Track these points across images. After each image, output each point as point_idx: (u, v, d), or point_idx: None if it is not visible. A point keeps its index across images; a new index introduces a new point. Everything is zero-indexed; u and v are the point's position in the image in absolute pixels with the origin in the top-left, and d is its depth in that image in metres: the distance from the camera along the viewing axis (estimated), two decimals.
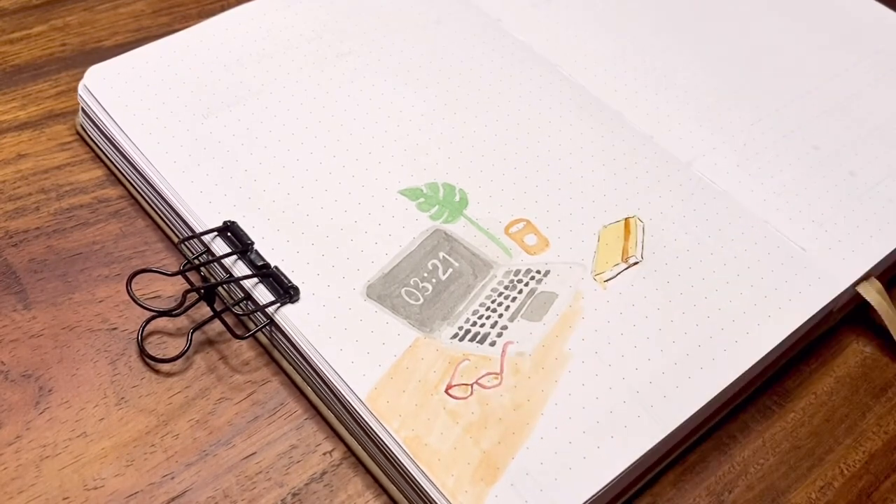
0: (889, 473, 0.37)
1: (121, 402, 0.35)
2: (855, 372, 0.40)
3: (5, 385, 0.35)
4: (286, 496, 0.34)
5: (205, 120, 0.41)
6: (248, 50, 0.45)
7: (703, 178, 0.42)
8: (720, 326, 0.37)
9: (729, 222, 0.40)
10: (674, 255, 0.39)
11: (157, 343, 0.37)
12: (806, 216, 0.41)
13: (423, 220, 0.39)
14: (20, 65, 0.47)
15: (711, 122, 0.45)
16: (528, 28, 0.48)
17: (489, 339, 0.35)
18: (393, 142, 0.42)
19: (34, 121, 0.44)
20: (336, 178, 0.40)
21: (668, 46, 0.49)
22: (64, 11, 0.50)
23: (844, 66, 0.49)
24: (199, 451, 0.34)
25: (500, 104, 0.44)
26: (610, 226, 0.40)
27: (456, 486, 0.31)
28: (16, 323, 0.37)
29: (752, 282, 0.38)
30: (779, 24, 0.51)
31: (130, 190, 0.42)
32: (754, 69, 0.48)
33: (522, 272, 0.38)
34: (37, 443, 0.34)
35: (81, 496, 0.33)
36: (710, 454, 0.37)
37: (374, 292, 0.36)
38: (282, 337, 0.36)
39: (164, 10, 0.51)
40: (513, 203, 0.40)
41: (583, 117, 0.44)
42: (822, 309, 0.38)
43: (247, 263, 0.37)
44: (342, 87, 0.44)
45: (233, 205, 0.38)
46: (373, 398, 0.33)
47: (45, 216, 0.40)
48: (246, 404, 0.36)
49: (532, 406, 0.34)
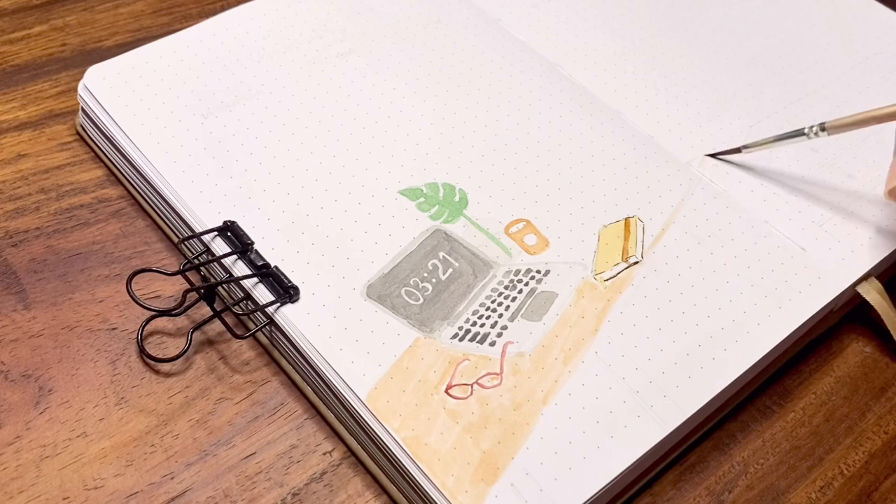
0: (889, 473, 0.37)
1: (121, 402, 0.35)
2: (855, 372, 0.40)
3: (5, 385, 0.35)
4: (286, 496, 0.34)
5: (205, 120, 0.41)
6: (248, 50, 0.45)
7: (703, 177, 0.42)
8: (720, 326, 0.37)
9: (729, 222, 0.40)
10: (674, 254, 0.39)
11: (157, 343, 0.37)
12: (806, 216, 0.41)
13: (423, 220, 0.39)
14: (20, 65, 0.47)
15: (711, 122, 0.45)
16: (528, 28, 0.48)
17: (489, 339, 0.35)
18: (393, 142, 0.42)
19: (34, 121, 0.44)
20: (336, 178, 0.40)
21: (668, 46, 0.49)
22: (64, 11, 0.50)
23: (844, 66, 0.49)
24: (199, 451, 0.34)
25: (500, 104, 0.44)
26: (610, 226, 0.40)
27: (456, 486, 0.31)
28: (16, 323, 0.37)
29: (752, 281, 0.38)
30: (779, 24, 0.51)
31: (130, 190, 0.42)
32: (754, 69, 0.48)
33: (522, 272, 0.38)
34: (37, 443, 0.34)
35: (81, 496, 0.33)
36: (710, 454, 0.37)
37: (374, 292, 0.36)
38: (282, 337, 0.36)
39: (164, 10, 0.51)
40: (513, 203, 0.40)
41: (583, 117, 0.44)
42: (822, 309, 0.38)
43: (247, 263, 0.37)
44: (342, 87, 0.44)
45: (233, 205, 0.38)
46: (373, 398, 0.33)
47: (45, 216, 0.40)
48: (246, 404, 0.36)
49: (532, 406, 0.34)
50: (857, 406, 0.39)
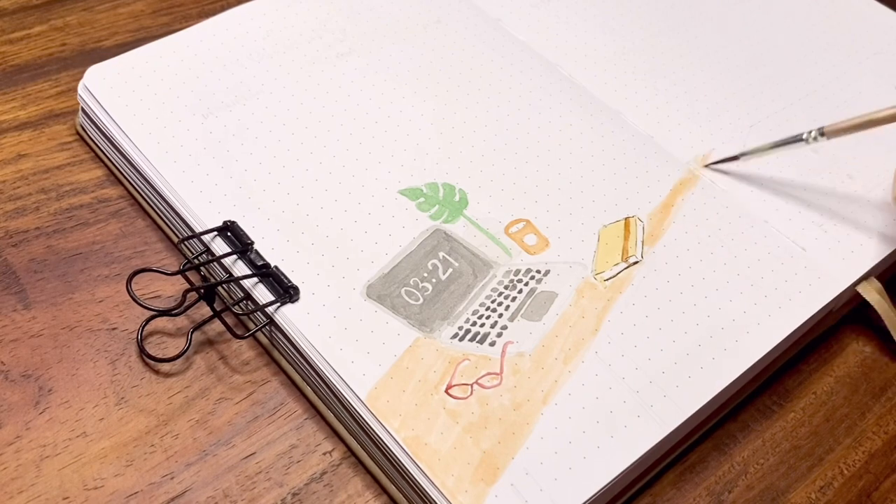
0: (889, 473, 0.37)
1: (121, 402, 0.35)
2: (855, 372, 0.40)
3: (5, 385, 0.35)
4: (286, 496, 0.34)
5: (205, 120, 0.41)
6: (248, 50, 0.45)
7: (703, 178, 0.42)
8: (720, 326, 0.37)
9: (729, 222, 0.40)
10: (674, 254, 0.39)
11: (157, 343, 0.37)
12: (806, 216, 0.41)
13: (423, 220, 0.39)
14: (20, 65, 0.47)
15: (711, 122, 0.45)
16: (528, 28, 0.48)
17: (489, 339, 0.35)
18: (393, 142, 0.42)
19: (34, 121, 0.44)
20: (336, 178, 0.40)
21: (668, 46, 0.49)
22: (64, 11, 0.50)
23: (844, 66, 0.49)
24: (199, 451, 0.34)
25: (499, 104, 0.44)
26: (610, 225, 0.40)
27: (456, 486, 0.31)
28: (16, 323, 0.37)
29: (752, 281, 0.38)
30: (779, 24, 0.51)
31: (130, 190, 0.42)
32: (754, 70, 0.48)
33: (522, 272, 0.38)
34: (37, 443, 0.34)
35: (81, 496, 0.33)
36: (710, 454, 0.37)
37: (374, 292, 0.36)
38: (282, 337, 0.36)
39: (164, 10, 0.51)
40: (513, 203, 0.40)
41: (583, 117, 0.44)
42: (822, 309, 0.38)
43: (247, 263, 0.37)
44: (342, 87, 0.44)
45: (233, 205, 0.38)
46: (373, 398, 0.33)
47: (45, 216, 0.40)
48: (246, 404, 0.36)
49: (532, 406, 0.34)
50: (857, 406, 0.39)
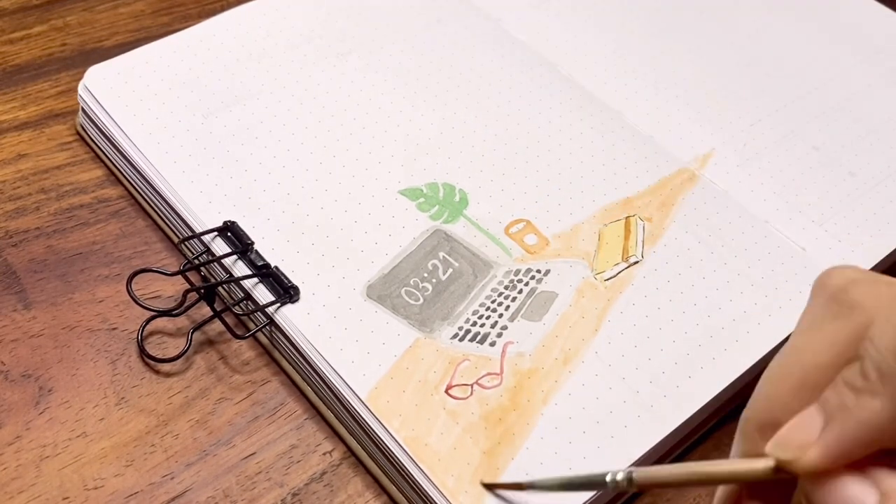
0: None
1: (121, 402, 0.35)
2: None
3: (5, 385, 0.35)
4: (286, 496, 0.34)
5: (205, 120, 0.41)
6: (248, 50, 0.45)
7: (703, 177, 0.42)
8: (720, 326, 0.37)
9: (729, 222, 0.40)
10: (674, 254, 0.39)
11: (157, 343, 0.37)
12: (806, 216, 0.41)
13: (423, 220, 0.39)
14: (20, 65, 0.47)
15: (711, 122, 0.45)
16: (528, 28, 0.48)
17: (489, 339, 0.35)
18: (393, 142, 0.42)
19: (34, 121, 0.44)
20: (336, 178, 0.40)
21: (667, 46, 0.49)
22: (64, 11, 0.50)
23: (844, 66, 0.49)
24: (199, 451, 0.34)
25: (500, 104, 0.44)
26: (610, 225, 0.40)
27: (456, 486, 0.31)
28: (16, 323, 0.37)
29: (752, 281, 0.38)
30: (779, 24, 0.51)
31: (130, 190, 0.42)
32: (754, 69, 0.48)
33: (522, 272, 0.38)
34: (37, 443, 0.34)
35: (81, 496, 0.33)
36: (710, 454, 0.37)
37: (374, 292, 0.36)
38: (282, 337, 0.36)
39: (164, 10, 0.51)
40: (513, 203, 0.40)
41: (583, 117, 0.44)
42: None
43: (247, 263, 0.37)
44: (342, 87, 0.44)
45: (233, 205, 0.38)
46: (373, 398, 0.33)
47: (45, 216, 0.40)
48: (246, 404, 0.36)
49: (532, 406, 0.34)
50: None
